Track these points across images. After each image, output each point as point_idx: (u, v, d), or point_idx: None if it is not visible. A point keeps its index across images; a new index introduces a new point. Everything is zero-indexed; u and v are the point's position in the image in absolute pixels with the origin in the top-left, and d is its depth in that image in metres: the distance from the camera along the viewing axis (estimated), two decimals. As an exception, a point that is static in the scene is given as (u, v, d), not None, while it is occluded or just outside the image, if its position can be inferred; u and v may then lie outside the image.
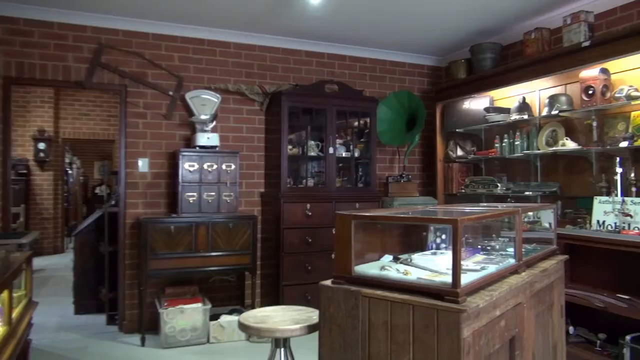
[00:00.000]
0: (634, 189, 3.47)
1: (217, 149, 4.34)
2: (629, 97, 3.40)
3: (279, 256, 4.38)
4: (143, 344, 4.00)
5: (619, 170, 3.47)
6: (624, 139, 3.44)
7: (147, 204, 4.42)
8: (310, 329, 2.22)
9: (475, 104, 4.84)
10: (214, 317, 4.15)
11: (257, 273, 4.60)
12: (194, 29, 4.56)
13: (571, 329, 3.71)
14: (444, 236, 2.28)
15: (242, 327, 2.31)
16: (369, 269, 1.89)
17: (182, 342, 3.97)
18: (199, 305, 4.09)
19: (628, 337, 3.25)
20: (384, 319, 1.68)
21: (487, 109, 4.61)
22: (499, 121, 4.47)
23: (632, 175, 3.51)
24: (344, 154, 4.78)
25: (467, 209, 2.54)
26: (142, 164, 4.42)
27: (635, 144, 3.36)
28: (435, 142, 5.20)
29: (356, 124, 4.92)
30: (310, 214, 4.45)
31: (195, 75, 4.62)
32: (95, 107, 9.02)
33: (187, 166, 4.15)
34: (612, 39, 3.41)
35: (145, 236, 3.92)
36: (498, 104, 4.73)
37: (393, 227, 2.26)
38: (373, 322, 1.71)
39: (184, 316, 3.99)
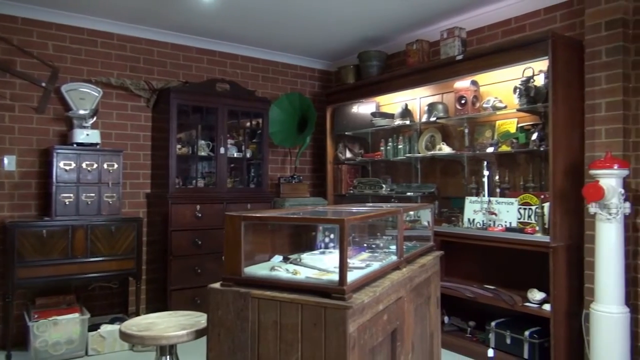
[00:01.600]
0: (498, 190, 3.88)
1: (98, 146, 4.04)
2: (495, 108, 3.79)
3: (166, 260, 4.20)
4: (8, 362, 3.60)
5: (486, 173, 3.85)
6: (491, 145, 3.82)
7: (15, 206, 3.99)
8: (199, 333, 2.17)
9: (363, 108, 5.06)
10: (94, 327, 3.86)
11: (143, 278, 4.37)
12: (71, 16, 4.20)
13: (446, 319, 4.04)
14: (332, 235, 2.36)
15: (124, 336, 2.18)
16: (259, 269, 1.90)
17: (55, 357, 3.64)
18: (76, 315, 3.78)
19: (493, 323, 3.62)
20: (273, 319, 1.69)
21: (373, 114, 4.85)
22: (384, 125, 4.72)
23: (497, 177, 3.91)
24: (235, 155, 4.73)
25: (354, 209, 2.64)
26: (9, 162, 3.97)
27: (500, 149, 3.75)
28: (325, 144, 5.35)
29: (248, 124, 4.89)
30: (200, 215, 4.33)
31: (73, 66, 4.26)
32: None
33: (63, 165, 3.81)
34: (481, 54, 3.77)
35: (12, 242, 3.53)
36: (384, 109, 4.99)
37: (283, 227, 2.28)
38: (263, 323, 1.71)
39: (58, 328, 3.66)
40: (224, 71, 5.11)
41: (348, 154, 5.24)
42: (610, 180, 2.81)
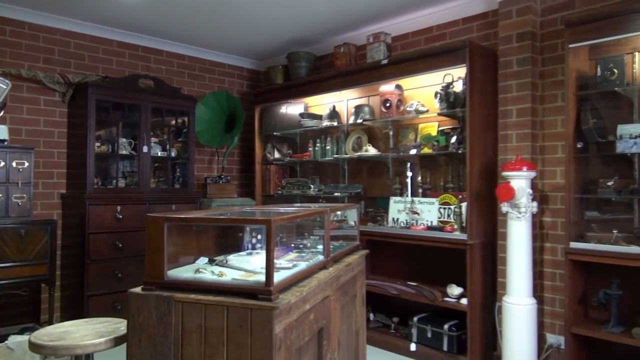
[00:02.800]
0: (420, 190, 4.05)
1: (6, 143, 3.74)
2: (417, 111, 3.94)
3: (83, 264, 3.96)
4: None
5: (409, 174, 4.00)
6: (414, 147, 3.98)
7: None
8: (118, 341, 2.07)
9: (292, 109, 5.08)
10: (1, 339, 3.56)
11: (57, 284, 4.10)
12: (-25, 1, 3.86)
13: (371, 316, 4.15)
14: (259, 236, 2.35)
15: (34, 347, 2.03)
16: (183, 272, 1.85)
17: (-46, 373, 3.32)
18: (-21, 326, 3.47)
19: (415, 319, 3.77)
20: (198, 323, 1.65)
21: (302, 115, 4.88)
22: (312, 126, 4.76)
23: (420, 178, 4.08)
24: (159, 154, 4.56)
25: (282, 209, 2.65)
26: None
27: (422, 151, 3.91)
28: (254, 144, 5.30)
29: (173, 122, 4.74)
30: (121, 217, 4.13)
31: (-24, 55, 3.92)
32: None
33: (-36, 163, 3.49)
34: (405, 59, 3.91)
35: None
36: (312, 110, 5.04)
37: (209, 228, 2.24)
38: (187, 327, 1.67)
39: (-42, 342, 3.34)
40: (148, 67, 4.92)
41: (276, 155, 5.23)
42: (520, 181, 3.02)
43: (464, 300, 3.48)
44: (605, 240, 2.88)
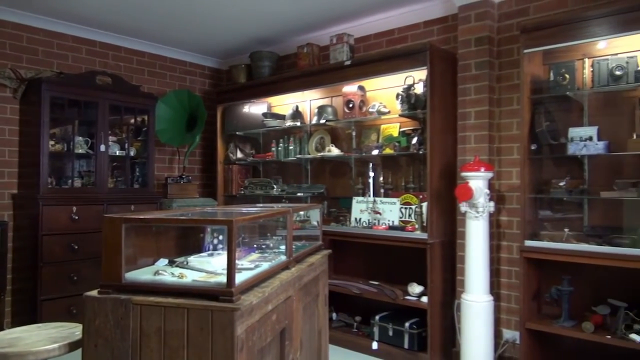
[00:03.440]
0: (382, 191, 4.10)
1: (-49, 141, 3.56)
2: (380, 112, 3.99)
3: (36, 267, 3.81)
4: None
5: (371, 174, 4.05)
6: (376, 148, 4.02)
7: None
8: (73, 346, 2.01)
9: (255, 108, 5.04)
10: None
11: (7, 289, 3.93)
12: None
13: (334, 315, 4.17)
14: (221, 237, 2.32)
15: (-17, 354, 1.95)
16: (141, 274, 1.81)
17: None
18: None
19: (377, 317, 3.81)
20: (157, 326, 1.62)
21: (265, 114, 4.85)
22: (275, 126, 4.74)
23: (382, 178, 4.13)
24: (118, 153, 4.44)
25: (244, 209, 2.63)
26: None
27: (384, 152, 3.96)
28: (216, 144, 5.23)
29: (132, 121, 4.63)
30: (77, 217, 4.00)
31: None
32: None
33: None
34: (367, 61, 3.95)
35: None
36: (275, 110, 5.02)
37: (169, 229, 2.20)
38: (146, 330, 1.63)
39: None
40: (106, 63, 4.78)
41: (239, 154, 5.19)
42: (478, 181, 3.11)
43: (424, 299, 3.55)
44: (557, 239, 2.99)
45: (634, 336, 2.66)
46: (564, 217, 3.16)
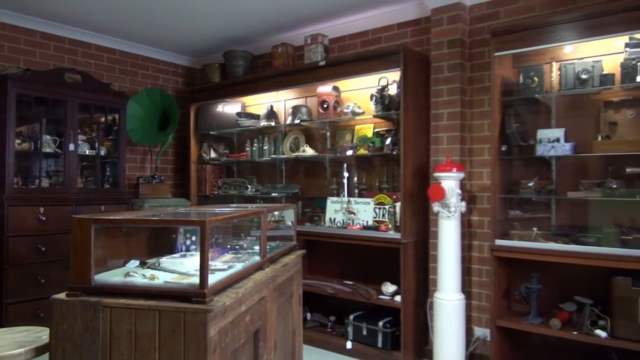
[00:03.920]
0: (357, 191, 4.12)
1: None
2: (354, 113, 4.01)
3: (1, 270, 3.69)
4: None
5: (346, 174, 4.06)
6: (350, 148, 4.04)
7: None
8: (40, 350, 1.95)
9: (229, 108, 5.00)
10: None
11: (-30, 292, 3.80)
12: None
13: (308, 315, 4.18)
14: (194, 237, 2.29)
15: (-56, 361, 1.88)
16: (111, 276, 1.77)
17: None
18: None
19: (351, 317, 3.83)
20: (128, 329, 1.59)
21: (239, 114, 4.82)
22: (249, 126, 4.72)
23: (356, 179, 4.15)
24: (87, 152, 4.34)
25: (218, 209, 2.61)
26: None
27: (358, 152, 3.98)
28: (189, 143, 5.17)
29: (103, 119, 4.52)
30: (44, 218, 3.89)
31: None
32: None
33: None
34: (342, 61, 3.97)
35: None
36: (250, 109, 4.99)
37: (141, 230, 2.16)
38: (116, 333, 1.60)
39: None
40: (75, 60, 4.66)
41: (213, 154, 5.14)
42: (450, 182, 3.16)
43: (397, 298, 3.58)
44: (526, 238, 3.07)
45: (598, 332, 2.75)
46: (533, 216, 3.24)
